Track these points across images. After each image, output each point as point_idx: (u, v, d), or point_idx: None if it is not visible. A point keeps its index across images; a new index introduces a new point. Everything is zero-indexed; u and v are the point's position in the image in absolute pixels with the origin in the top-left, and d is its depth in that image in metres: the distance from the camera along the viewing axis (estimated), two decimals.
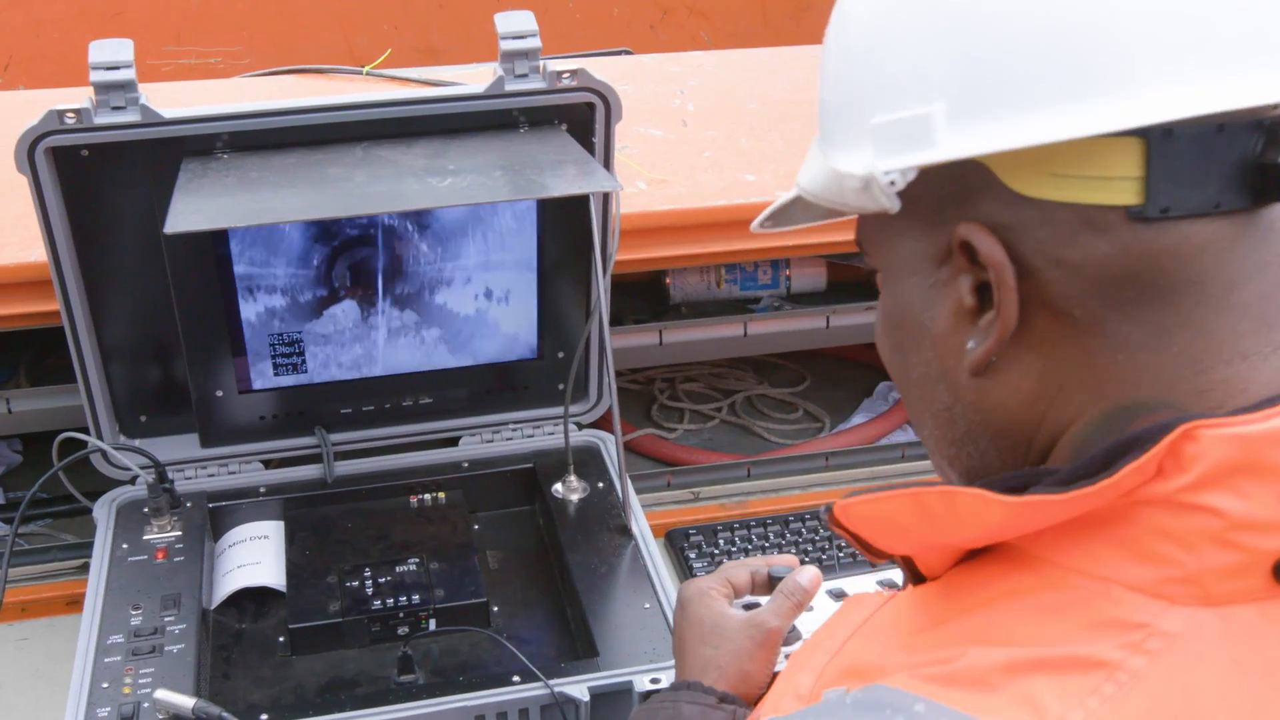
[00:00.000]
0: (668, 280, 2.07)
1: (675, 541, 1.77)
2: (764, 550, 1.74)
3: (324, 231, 1.61)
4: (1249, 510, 0.66)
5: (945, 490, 0.71)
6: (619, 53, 2.66)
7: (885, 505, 0.75)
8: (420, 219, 1.63)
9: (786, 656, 1.19)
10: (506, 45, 1.53)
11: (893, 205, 0.74)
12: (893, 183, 0.73)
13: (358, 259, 1.64)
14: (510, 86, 1.54)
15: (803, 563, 1.69)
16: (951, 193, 0.74)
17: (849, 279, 2.20)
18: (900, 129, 0.73)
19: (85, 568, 1.69)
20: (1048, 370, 0.74)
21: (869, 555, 0.80)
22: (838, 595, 1.48)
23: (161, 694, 1.34)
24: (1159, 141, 0.67)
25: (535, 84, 1.54)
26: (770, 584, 1.27)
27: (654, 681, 1.38)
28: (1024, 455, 0.77)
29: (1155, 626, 0.66)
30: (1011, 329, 0.73)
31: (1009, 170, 0.71)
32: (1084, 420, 0.73)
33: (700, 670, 1.18)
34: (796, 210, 0.92)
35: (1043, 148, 0.68)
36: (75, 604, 1.64)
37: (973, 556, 0.78)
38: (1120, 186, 0.68)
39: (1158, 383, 0.70)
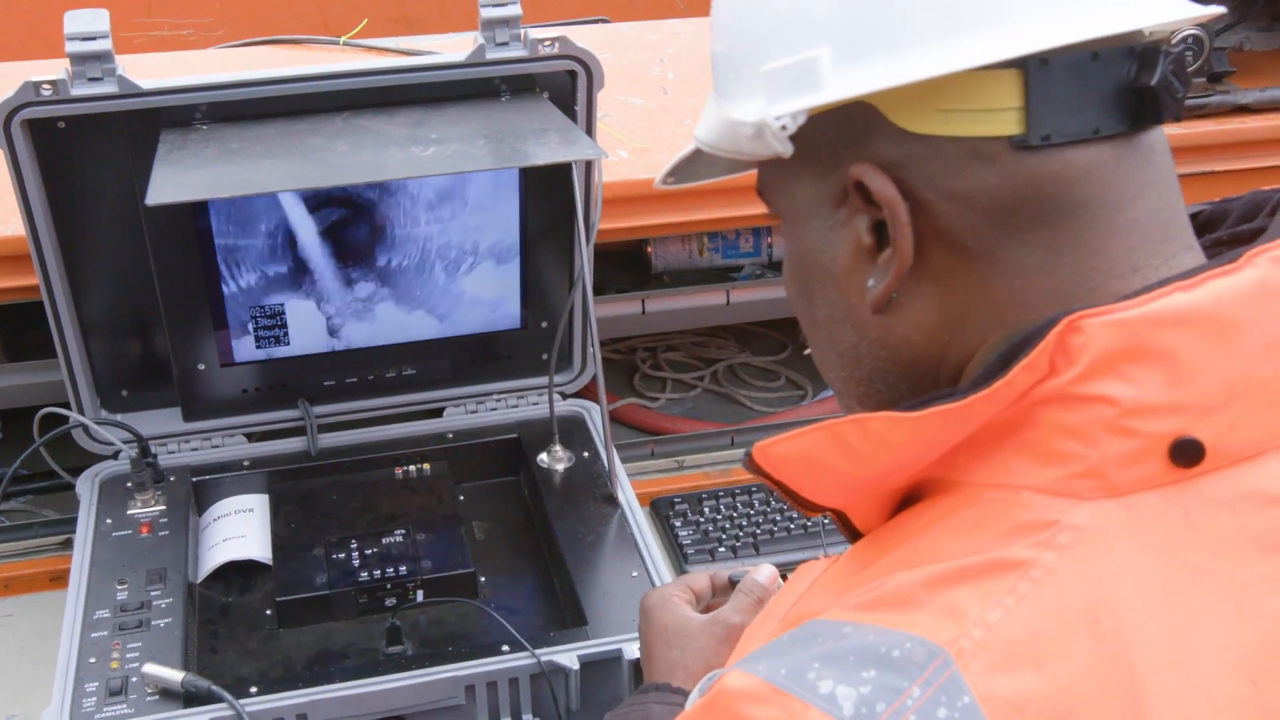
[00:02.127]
0: (649, 249, 2.07)
1: (660, 510, 1.77)
2: (749, 518, 1.75)
3: (305, 202, 1.60)
4: (1138, 395, 0.68)
5: (856, 418, 0.73)
6: (596, 21, 2.64)
7: (801, 442, 0.76)
8: (402, 189, 1.62)
9: None
10: (487, 13, 1.51)
11: (785, 149, 0.77)
12: (784, 127, 0.76)
13: (340, 230, 1.63)
14: (491, 55, 1.52)
15: (789, 530, 1.72)
16: (843, 135, 0.76)
17: None
18: (789, 74, 0.76)
19: (68, 543, 1.68)
20: (947, 301, 0.76)
21: (800, 508, 0.81)
22: None
23: (150, 668, 1.34)
24: (1036, 71, 0.70)
25: (516, 52, 1.53)
26: (730, 588, 1.28)
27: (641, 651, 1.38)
28: (931, 386, 0.79)
29: (1064, 522, 0.68)
30: (908, 264, 0.75)
31: (896, 109, 0.73)
32: (986, 347, 0.75)
33: (668, 672, 1.18)
34: (699, 165, 0.95)
35: (927, 85, 0.71)
36: (59, 580, 1.64)
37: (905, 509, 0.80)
38: (1002, 117, 0.71)
39: (1054, 303, 0.73)
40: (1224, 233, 0.82)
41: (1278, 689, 0.67)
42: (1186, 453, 0.68)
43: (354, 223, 1.63)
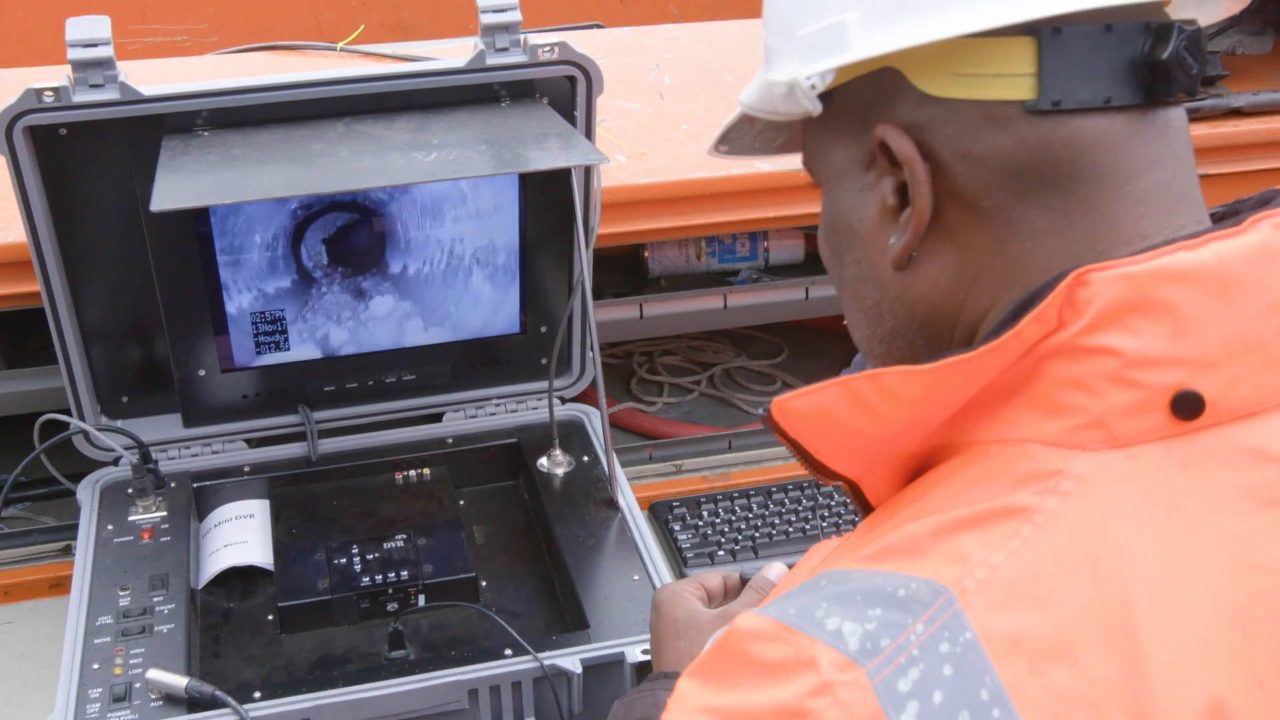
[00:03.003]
0: (646, 254, 2.07)
1: (659, 514, 1.78)
2: (747, 521, 1.75)
3: (305, 208, 1.60)
4: (1142, 347, 0.71)
5: (871, 373, 0.75)
6: (591, 26, 2.65)
7: (819, 397, 0.78)
8: (403, 194, 1.63)
9: None
10: (487, 19, 1.52)
11: (814, 108, 0.82)
12: (813, 86, 0.81)
13: (340, 235, 1.63)
14: (491, 60, 1.53)
15: (787, 534, 1.72)
16: (872, 99, 0.80)
17: None
18: (819, 37, 0.80)
19: (68, 550, 1.69)
20: (963, 261, 0.79)
21: (816, 473, 0.83)
22: None
23: (154, 674, 1.34)
24: (1049, 39, 0.73)
25: (516, 57, 1.54)
26: (742, 587, 1.29)
27: (645, 652, 1.38)
28: (948, 344, 0.82)
29: (1067, 471, 0.71)
30: (926, 221, 0.79)
31: (917, 72, 0.77)
32: (999, 307, 0.78)
33: (676, 663, 1.20)
34: (750, 138, 0.99)
35: (945, 49, 0.75)
36: (59, 587, 1.64)
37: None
38: (1016, 82, 0.74)
39: (1064, 264, 0.75)
40: None
41: (1267, 636, 0.69)
42: (1187, 405, 0.71)
43: (354, 228, 1.64)
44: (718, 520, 1.76)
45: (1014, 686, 0.66)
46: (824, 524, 1.74)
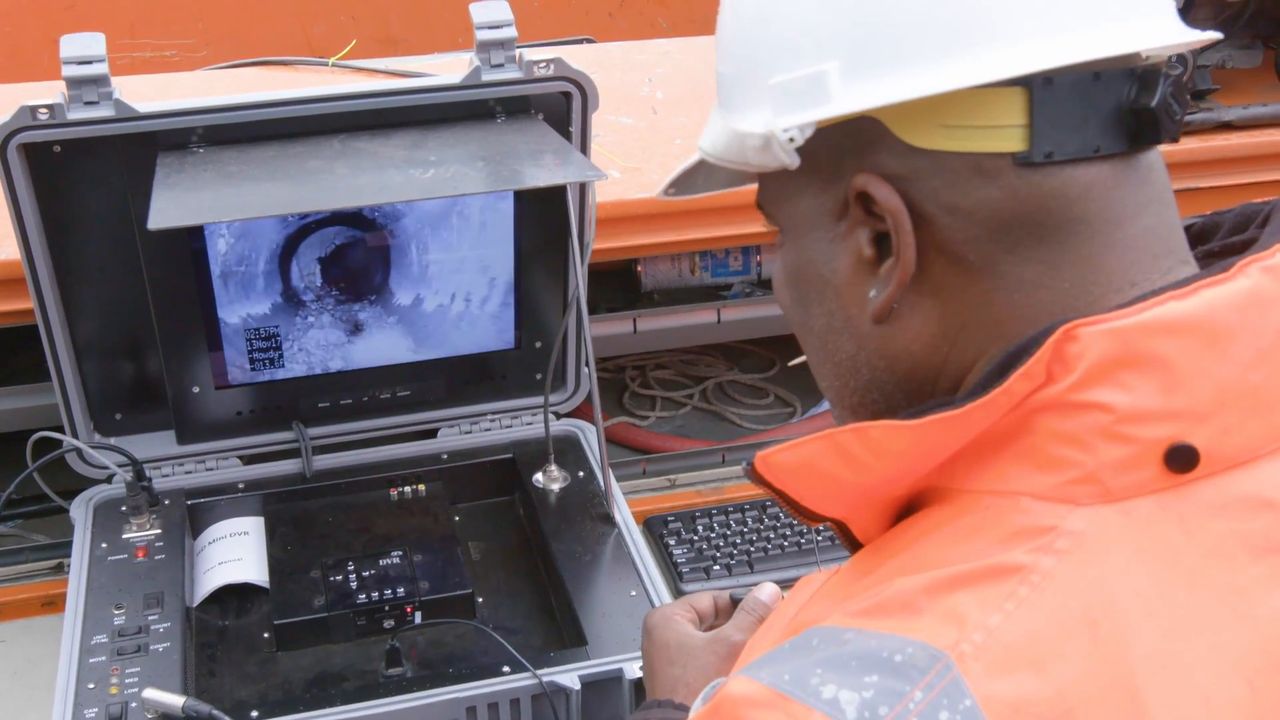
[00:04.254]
0: (639, 268, 2.07)
1: (654, 529, 1.77)
2: (742, 535, 1.75)
3: (300, 224, 1.60)
4: (1134, 402, 0.69)
5: (857, 427, 0.74)
6: (581, 41, 2.65)
7: (803, 451, 0.77)
8: (397, 210, 1.62)
9: None
10: (482, 35, 1.52)
11: (792, 161, 0.78)
12: (792, 139, 0.77)
13: (335, 252, 1.63)
14: (487, 76, 1.53)
15: (782, 547, 1.72)
16: (847, 148, 0.77)
17: None
18: (797, 88, 0.76)
19: (60, 568, 1.68)
20: (947, 314, 0.77)
21: (802, 518, 0.82)
22: None
23: (150, 693, 1.33)
24: (1040, 90, 0.72)
25: (512, 74, 1.54)
26: (733, 609, 1.28)
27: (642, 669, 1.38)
28: (929, 396, 0.80)
29: (1062, 528, 0.69)
30: (911, 274, 0.76)
31: (901, 123, 0.75)
32: (985, 359, 0.76)
33: (670, 689, 1.18)
34: (698, 178, 0.96)
35: (932, 101, 0.72)
36: (51, 605, 1.63)
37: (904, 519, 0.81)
38: (1006, 134, 0.73)
39: (1052, 316, 0.73)
40: (1216, 244, 0.84)
41: (1273, 690, 0.68)
42: (1181, 458, 0.70)
43: (348, 244, 1.63)
44: (713, 535, 1.75)
45: None
46: (819, 538, 1.74)
